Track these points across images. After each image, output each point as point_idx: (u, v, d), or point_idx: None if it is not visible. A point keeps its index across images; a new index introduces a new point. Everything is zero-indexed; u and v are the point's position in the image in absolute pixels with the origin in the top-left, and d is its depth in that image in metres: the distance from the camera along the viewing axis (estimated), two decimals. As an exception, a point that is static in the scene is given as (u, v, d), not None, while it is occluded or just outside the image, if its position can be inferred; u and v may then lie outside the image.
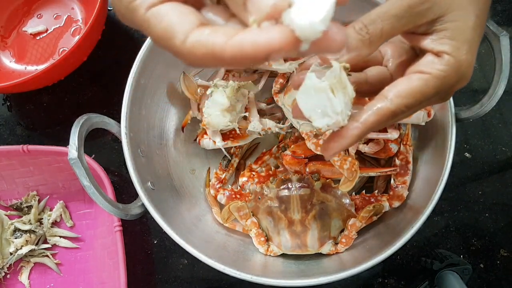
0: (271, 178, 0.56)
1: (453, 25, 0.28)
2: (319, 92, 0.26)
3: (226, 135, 0.58)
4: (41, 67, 0.71)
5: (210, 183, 0.60)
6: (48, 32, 0.72)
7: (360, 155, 0.57)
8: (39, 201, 0.65)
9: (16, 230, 0.63)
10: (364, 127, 0.28)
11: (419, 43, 0.30)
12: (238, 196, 0.57)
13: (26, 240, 0.62)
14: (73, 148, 0.46)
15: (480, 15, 0.28)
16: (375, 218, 0.54)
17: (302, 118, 0.28)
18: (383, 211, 0.54)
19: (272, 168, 0.59)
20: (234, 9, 0.23)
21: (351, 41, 0.28)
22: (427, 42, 0.29)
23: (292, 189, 0.53)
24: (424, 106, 0.30)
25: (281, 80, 0.58)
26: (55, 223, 0.65)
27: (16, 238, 0.62)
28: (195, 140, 0.61)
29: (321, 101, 0.26)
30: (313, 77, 0.27)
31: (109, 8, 0.74)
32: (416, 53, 0.32)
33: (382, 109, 0.28)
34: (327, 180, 0.54)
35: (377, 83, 0.33)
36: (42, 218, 0.64)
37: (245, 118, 0.56)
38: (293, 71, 0.56)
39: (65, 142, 0.49)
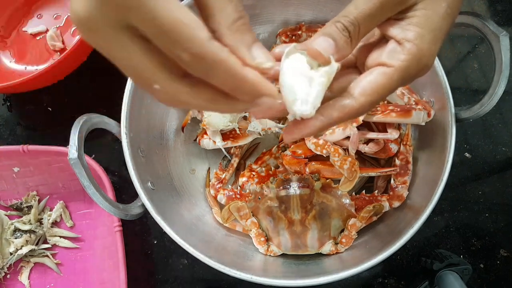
0: (271, 178, 0.56)
1: (422, 13, 0.28)
2: (306, 80, 0.27)
3: (226, 135, 0.58)
4: (41, 67, 0.71)
5: (210, 183, 0.60)
6: (48, 32, 0.72)
7: (360, 155, 0.57)
8: (39, 201, 0.65)
9: (16, 230, 0.63)
10: (327, 121, 0.28)
11: (386, 29, 0.29)
12: (238, 196, 0.57)
13: (26, 240, 0.62)
14: (73, 148, 0.46)
15: (451, 4, 0.28)
16: (375, 218, 0.54)
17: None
18: (383, 211, 0.54)
19: (272, 168, 0.59)
20: (233, 41, 0.24)
21: (338, 40, 0.28)
22: (393, 29, 0.28)
23: (292, 189, 0.53)
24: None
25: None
26: (55, 223, 0.65)
27: (16, 238, 0.62)
28: (195, 140, 0.61)
29: (303, 88, 0.27)
30: (304, 61, 0.27)
31: (109, 8, 0.74)
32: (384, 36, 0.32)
33: (346, 107, 0.28)
34: (327, 180, 0.54)
35: (343, 68, 0.32)
36: (42, 218, 0.64)
37: (245, 118, 0.56)
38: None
39: (65, 142, 0.49)
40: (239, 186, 0.59)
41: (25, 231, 0.62)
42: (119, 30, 0.22)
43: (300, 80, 0.27)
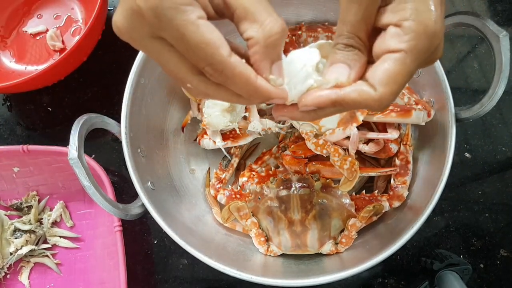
0: (271, 178, 0.56)
1: None
2: (304, 74, 0.28)
3: (226, 135, 0.58)
4: (41, 67, 0.71)
5: (210, 183, 0.60)
6: (48, 32, 0.72)
7: (360, 155, 0.57)
8: (39, 201, 0.65)
9: (16, 230, 0.63)
10: (341, 97, 0.27)
11: (379, 20, 0.27)
12: (238, 196, 0.57)
13: (26, 240, 0.62)
14: (73, 148, 0.46)
15: None
16: (375, 218, 0.54)
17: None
18: (383, 211, 0.54)
19: (272, 168, 0.59)
20: (262, 54, 0.27)
21: (348, 59, 0.27)
22: (385, 16, 0.27)
23: (292, 189, 0.53)
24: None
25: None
26: (55, 223, 0.65)
27: (16, 238, 0.62)
28: (195, 140, 0.61)
29: (296, 78, 0.28)
30: (317, 57, 0.29)
31: (109, 8, 0.74)
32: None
33: (364, 93, 0.27)
34: (327, 180, 0.54)
35: None
36: (42, 218, 0.64)
37: (245, 118, 0.56)
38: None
39: (65, 142, 0.49)
40: (239, 186, 0.59)
41: (25, 231, 0.62)
42: (154, 40, 0.26)
43: (299, 70, 0.28)
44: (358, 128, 0.52)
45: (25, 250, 0.61)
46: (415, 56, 0.26)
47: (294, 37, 0.60)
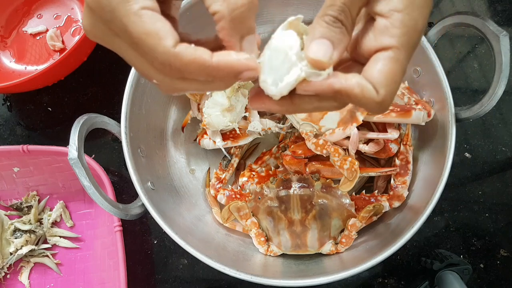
0: (271, 178, 0.56)
1: None
2: (288, 64, 0.25)
3: (226, 135, 0.58)
4: (41, 67, 0.71)
5: (210, 183, 0.60)
6: (48, 32, 0.72)
7: (360, 155, 0.57)
8: (39, 201, 0.65)
9: (16, 230, 0.63)
10: (342, 87, 0.25)
11: (371, 6, 0.26)
12: (238, 196, 0.57)
13: (26, 240, 0.62)
14: (73, 148, 0.46)
15: None
16: (375, 218, 0.54)
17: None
18: (383, 211, 0.54)
19: (272, 168, 0.59)
20: (227, 34, 0.25)
21: (334, 37, 0.25)
22: (378, 3, 0.25)
23: (292, 189, 0.53)
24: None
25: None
26: (55, 223, 0.65)
27: (16, 238, 0.62)
28: (195, 140, 0.61)
29: (279, 70, 0.25)
30: (298, 44, 0.25)
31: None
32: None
33: (367, 89, 0.25)
34: (327, 180, 0.54)
35: (339, 64, 0.30)
36: (42, 218, 0.64)
37: (245, 118, 0.56)
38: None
39: (65, 142, 0.49)
40: (239, 186, 0.59)
41: (25, 231, 0.62)
42: (114, 37, 0.25)
43: (281, 61, 0.25)
44: (358, 128, 0.52)
45: (25, 250, 0.61)
46: (407, 50, 0.25)
47: (294, 37, 0.60)
